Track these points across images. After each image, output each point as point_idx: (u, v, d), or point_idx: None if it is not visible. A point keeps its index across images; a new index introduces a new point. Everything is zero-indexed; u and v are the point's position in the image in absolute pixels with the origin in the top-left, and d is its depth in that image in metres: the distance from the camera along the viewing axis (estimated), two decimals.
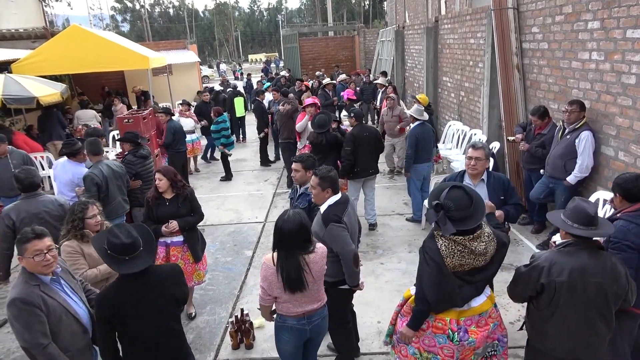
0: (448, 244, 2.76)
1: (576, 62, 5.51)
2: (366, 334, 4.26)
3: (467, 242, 2.74)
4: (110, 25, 58.00)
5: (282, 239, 2.90)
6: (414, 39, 12.98)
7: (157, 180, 4.35)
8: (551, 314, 2.75)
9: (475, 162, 3.87)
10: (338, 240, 3.36)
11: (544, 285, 2.71)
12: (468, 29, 8.69)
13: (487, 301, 2.91)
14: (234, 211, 7.83)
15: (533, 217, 6.24)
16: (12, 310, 2.66)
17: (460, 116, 9.39)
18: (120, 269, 2.68)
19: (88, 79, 14.23)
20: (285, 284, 2.89)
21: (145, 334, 2.73)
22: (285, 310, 3.03)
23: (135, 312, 2.66)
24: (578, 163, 5.16)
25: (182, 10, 69.39)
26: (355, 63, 23.56)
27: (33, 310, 2.67)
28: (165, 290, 2.75)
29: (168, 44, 19.90)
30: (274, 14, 77.21)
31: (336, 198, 3.54)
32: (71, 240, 3.53)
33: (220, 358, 4.20)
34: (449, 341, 2.86)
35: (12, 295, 2.68)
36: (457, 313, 2.86)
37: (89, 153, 5.34)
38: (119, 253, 2.66)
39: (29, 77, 8.94)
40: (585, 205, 2.74)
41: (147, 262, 2.71)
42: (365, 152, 6.27)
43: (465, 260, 2.76)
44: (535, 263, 2.79)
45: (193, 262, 4.52)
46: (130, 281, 2.68)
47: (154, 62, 11.01)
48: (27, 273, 2.76)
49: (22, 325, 2.65)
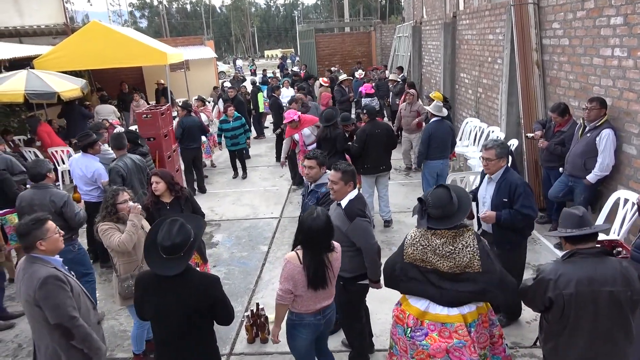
0: (414, 235, 2.97)
1: (598, 59, 5.41)
2: (380, 330, 4.26)
3: (430, 235, 2.88)
4: (128, 22, 58.70)
5: (310, 238, 2.91)
6: (432, 34, 12.86)
7: (154, 183, 4.25)
8: (563, 327, 2.67)
9: (487, 162, 3.88)
10: (364, 235, 3.38)
11: (552, 299, 2.63)
12: (487, 25, 8.58)
13: (457, 315, 2.84)
14: (249, 206, 7.88)
15: (551, 216, 6.15)
16: (46, 289, 2.78)
17: (477, 113, 9.29)
18: (152, 265, 2.73)
19: (107, 75, 14.41)
20: (311, 282, 2.91)
21: (162, 329, 2.79)
22: (305, 308, 3.04)
23: (155, 305, 2.73)
24: (599, 161, 5.07)
25: (199, 6, 69.78)
26: (371, 59, 23.43)
27: (63, 286, 2.84)
28: (187, 298, 2.69)
29: (185, 40, 20.05)
30: (290, 9, 77.23)
31: (355, 193, 3.56)
32: (107, 220, 3.81)
33: (236, 351, 4.25)
34: (403, 334, 2.92)
35: (42, 276, 2.80)
36: (420, 313, 2.90)
37: (113, 148, 5.55)
38: (161, 250, 2.68)
39: (50, 72, 9.10)
40: (572, 210, 2.74)
41: (179, 268, 2.67)
42: (377, 148, 6.28)
43: (426, 256, 2.87)
44: (540, 276, 2.71)
45: (201, 263, 4.55)
46: (157, 276, 2.72)
47: (171, 58, 11.10)
48: (39, 259, 2.88)
49: (57, 301, 2.79)
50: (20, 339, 4.59)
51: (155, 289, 2.72)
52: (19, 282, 2.92)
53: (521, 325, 4.28)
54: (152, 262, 2.72)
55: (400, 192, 7.96)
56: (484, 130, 8.27)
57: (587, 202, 5.33)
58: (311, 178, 4.21)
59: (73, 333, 2.84)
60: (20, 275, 2.90)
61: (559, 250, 5.56)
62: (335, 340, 4.09)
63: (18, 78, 8.27)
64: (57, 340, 2.88)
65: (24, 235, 2.88)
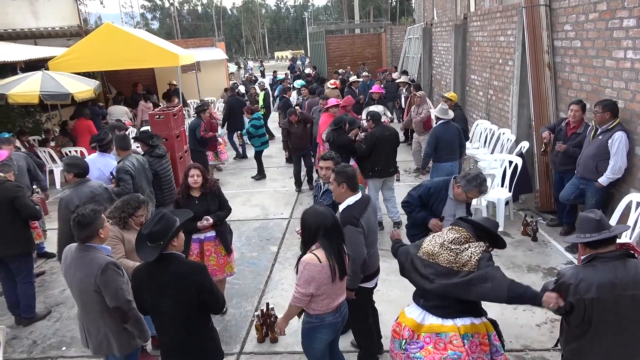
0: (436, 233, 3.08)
1: (610, 61, 5.38)
2: (389, 332, 4.27)
3: (447, 230, 2.98)
4: (140, 23, 59.22)
5: (326, 231, 2.97)
6: (442, 36, 12.84)
7: (194, 176, 4.40)
8: (584, 331, 2.65)
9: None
10: (349, 243, 3.35)
11: (573, 304, 2.62)
12: (498, 27, 8.56)
13: (451, 326, 2.84)
14: (260, 207, 7.93)
15: (562, 219, 6.12)
16: (108, 274, 3.01)
17: (488, 115, 9.27)
18: (139, 252, 2.93)
19: (119, 76, 14.58)
20: (337, 271, 2.96)
21: (158, 320, 2.92)
22: (325, 307, 3.04)
23: (150, 297, 2.86)
24: (611, 164, 5.04)
25: (210, 8, 70.21)
26: (381, 60, 23.43)
27: (120, 272, 3.09)
28: (175, 287, 2.80)
29: (197, 41, 20.17)
30: (300, 11, 77.39)
31: (356, 198, 3.53)
32: (113, 225, 3.69)
33: (246, 350, 4.29)
34: (399, 347, 2.91)
35: (103, 262, 3.02)
36: (416, 325, 2.88)
37: (118, 148, 5.55)
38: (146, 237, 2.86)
39: (64, 73, 9.24)
40: (589, 214, 2.71)
41: (155, 254, 2.79)
42: (386, 151, 6.32)
43: (435, 249, 2.91)
44: (561, 281, 2.70)
45: (225, 254, 4.63)
46: (149, 265, 2.85)
47: (183, 60, 11.20)
48: (93, 247, 3.09)
49: (117, 286, 3.02)
50: (35, 336, 4.67)
51: (148, 281, 2.85)
52: (71, 269, 3.10)
53: (531, 327, 4.27)
54: (140, 249, 2.90)
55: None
56: (495, 132, 8.25)
57: (598, 205, 5.29)
58: (327, 178, 4.26)
59: (129, 316, 3.06)
60: (74, 264, 3.09)
61: (569, 253, 5.53)
62: (344, 340, 4.11)
63: (33, 79, 8.42)
64: (108, 325, 3.11)
65: (88, 224, 3.05)
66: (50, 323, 4.87)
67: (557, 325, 4.21)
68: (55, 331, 4.73)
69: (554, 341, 4.04)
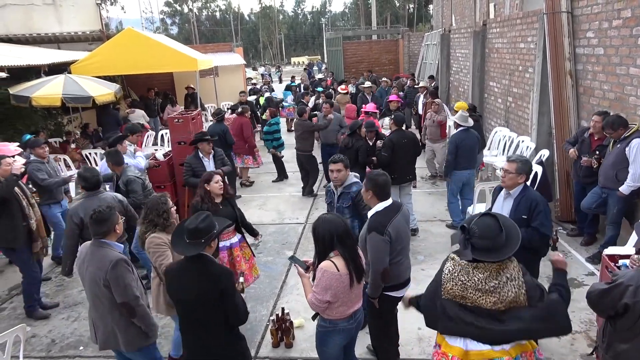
0: (453, 268, 2.65)
1: (634, 69, 5.28)
2: (406, 339, 4.23)
3: (471, 269, 2.57)
4: (160, 28, 60.10)
5: (340, 238, 2.96)
6: (460, 42, 12.77)
7: (219, 182, 4.39)
8: (635, 334, 2.56)
9: (505, 174, 3.82)
10: (371, 251, 3.34)
11: (628, 306, 2.52)
12: (518, 33, 8.48)
13: (501, 351, 2.60)
14: (275, 211, 7.95)
15: (583, 228, 6.00)
16: (119, 269, 3.08)
17: (507, 122, 9.16)
18: (175, 246, 3.00)
19: (139, 80, 14.77)
20: (355, 275, 2.95)
21: (182, 318, 3.00)
22: (340, 314, 3.04)
23: (177, 293, 2.93)
24: (630, 172, 4.94)
25: (229, 13, 70.95)
26: (398, 67, 23.38)
27: (130, 269, 3.17)
28: (202, 284, 2.85)
29: (215, 46, 20.38)
30: (317, 17, 77.75)
31: (385, 204, 3.50)
32: (158, 232, 3.66)
33: (261, 355, 4.28)
34: None
35: (114, 258, 3.10)
36: (463, 352, 2.65)
37: (113, 164, 5.52)
38: (186, 233, 2.91)
39: (86, 77, 9.41)
40: None
41: (197, 250, 2.87)
42: (404, 158, 6.27)
43: (467, 292, 2.58)
44: (619, 281, 2.59)
45: (250, 256, 4.68)
46: (186, 262, 2.92)
47: (201, 64, 11.31)
48: (106, 244, 3.18)
49: (126, 282, 3.10)
50: (54, 335, 4.73)
51: (178, 277, 2.92)
52: (84, 265, 3.18)
53: (550, 340, 4.18)
54: (176, 244, 2.96)
55: (427, 201, 7.89)
56: (514, 140, 8.15)
57: (621, 214, 5.19)
58: (339, 181, 4.28)
59: (136, 311, 3.13)
60: (88, 259, 3.18)
61: (590, 264, 5.42)
62: (360, 346, 4.07)
63: (56, 82, 8.60)
64: (116, 320, 3.17)
65: (105, 220, 3.16)
66: (68, 322, 4.94)
67: (579, 338, 4.16)
68: (73, 330, 4.79)
69: (575, 354, 3.99)
